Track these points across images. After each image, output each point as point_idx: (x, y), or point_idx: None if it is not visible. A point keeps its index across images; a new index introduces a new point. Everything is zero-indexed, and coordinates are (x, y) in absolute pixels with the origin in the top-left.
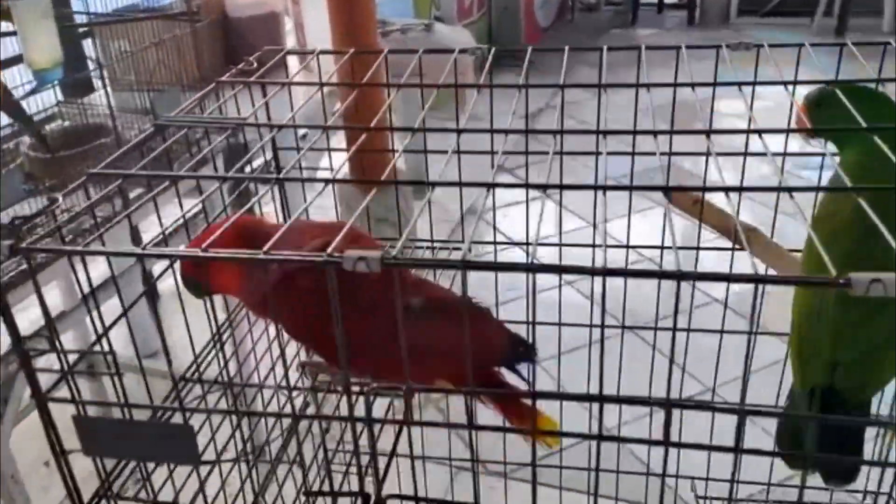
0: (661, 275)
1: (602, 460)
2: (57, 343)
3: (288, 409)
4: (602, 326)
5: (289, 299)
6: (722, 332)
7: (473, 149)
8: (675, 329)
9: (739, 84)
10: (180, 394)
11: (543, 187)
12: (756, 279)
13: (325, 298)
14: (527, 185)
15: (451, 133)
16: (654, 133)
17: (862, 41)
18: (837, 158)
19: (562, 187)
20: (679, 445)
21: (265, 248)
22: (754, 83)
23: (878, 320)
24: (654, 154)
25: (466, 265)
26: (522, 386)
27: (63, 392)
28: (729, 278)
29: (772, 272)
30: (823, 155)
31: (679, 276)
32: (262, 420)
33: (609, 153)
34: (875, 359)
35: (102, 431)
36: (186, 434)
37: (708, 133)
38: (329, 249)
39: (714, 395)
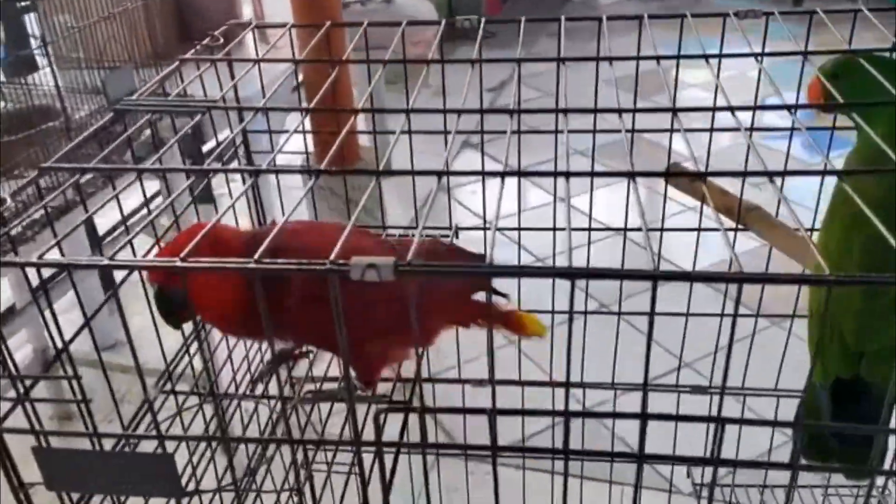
0: (716, 278)
1: (593, 440)
2: (10, 364)
3: (269, 421)
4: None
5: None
6: (722, 315)
7: (436, 123)
8: (688, 315)
9: (756, 55)
10: (155, 412)
11: (517, 175)
12: (799, 280)
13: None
14: (522, 174)
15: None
16: (672, 113)
17: (876, 7)
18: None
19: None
20: (733, 464)
21: (256, 256)
22: (763, 54)
23: None
24: (671, 131)
25: (492, 272)
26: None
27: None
28: (782, 279)
29: (777, 251)
30: (832, 129)
31: (741, 279)
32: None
33: (570, 131)
34: None
35: (67, 463)
36: (165, 465)
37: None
38: (333, 256)
39: (712, 378)
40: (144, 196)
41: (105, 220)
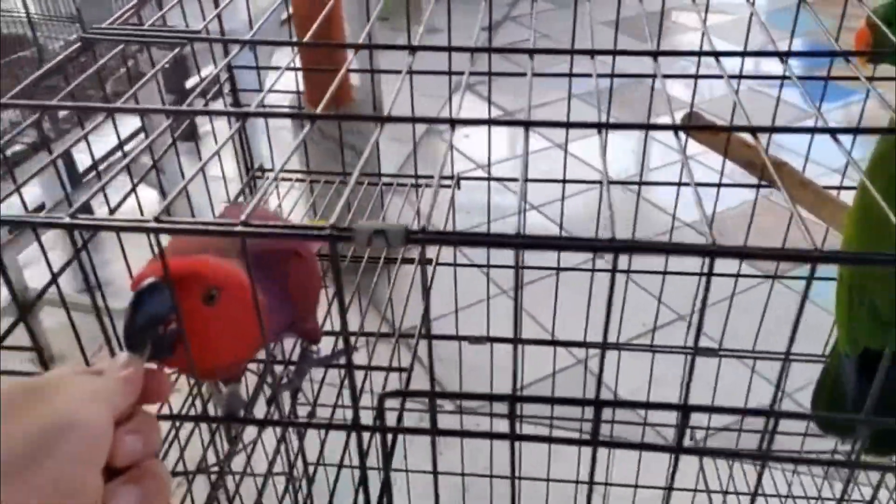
0: (686, 251)
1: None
2: None
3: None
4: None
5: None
6: (700, 274)
7: (431, 65)
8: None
9: None
10: None
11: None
12: (780, 255)
13: None
14: (529, 126)
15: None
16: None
17: None
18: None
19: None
20: (700, 452)
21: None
22: None
23: None
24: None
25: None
26: None
27: None
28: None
29: (804, 212)
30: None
31: (713, 252)
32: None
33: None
34: None
35: None
36: None
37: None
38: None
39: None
40: (119, 140)
41: (86, 155)
